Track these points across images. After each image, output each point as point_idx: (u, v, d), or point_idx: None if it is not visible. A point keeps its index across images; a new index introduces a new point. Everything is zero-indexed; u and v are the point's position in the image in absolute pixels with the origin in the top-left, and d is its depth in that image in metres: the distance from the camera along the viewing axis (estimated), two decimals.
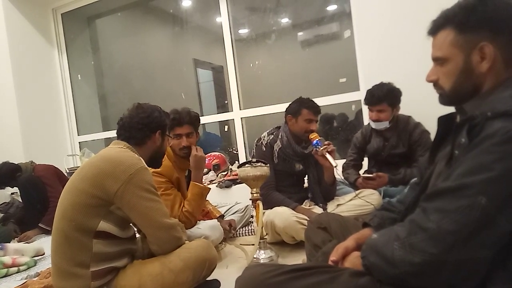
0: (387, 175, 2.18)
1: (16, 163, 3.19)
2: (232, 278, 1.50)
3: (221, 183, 3.29)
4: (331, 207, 2.00)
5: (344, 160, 2.51)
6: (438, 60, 0.90)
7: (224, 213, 2.42)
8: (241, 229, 2.38)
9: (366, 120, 3.03)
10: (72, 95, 4.60)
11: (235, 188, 3.28)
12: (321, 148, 1.89)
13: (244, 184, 3.16)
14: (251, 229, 2.35)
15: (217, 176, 3.52)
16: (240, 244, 2.04)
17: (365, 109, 3.03)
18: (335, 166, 1.89)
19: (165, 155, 1.88)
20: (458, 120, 0.92)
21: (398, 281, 0.79)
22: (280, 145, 2.05)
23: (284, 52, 4.26)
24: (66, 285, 1.24)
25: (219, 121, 4.26)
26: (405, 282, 0.78)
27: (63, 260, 1.25)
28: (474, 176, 0.72)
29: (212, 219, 2.18)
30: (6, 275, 2.09)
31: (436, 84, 0.93)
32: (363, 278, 0.85)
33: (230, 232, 2.18)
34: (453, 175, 0.76)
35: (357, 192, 2.08)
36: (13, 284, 1.89)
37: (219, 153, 3.79)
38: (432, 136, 1.98)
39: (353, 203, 1.99)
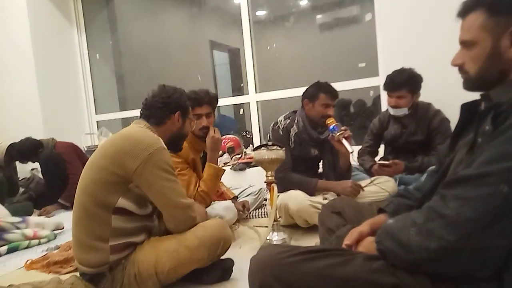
0: (404, 162, 2.16)
1: (38, 139, 3.28)
2: (245, 258, 1.53)
3: (235, 165, 3.32)
4: None
5: (360, 147, 2.49)
6: (465, 44, 0.88)
7: (238, 195, 2.45)
8: (254, 211, 2.41)
9: (384, 106, 2.99)
10: (91, 74, 4.66)
11: (249, 171, 3.30)
12: (338, 134, 1.87)
13: (258, 167, 3.23)
14: (264, 212, 2.37)
15: (231, 158, 3.54)
16: (253, 226, 2.07)
17: (383, 95, 2.99)
18: (351, 152, 1.87)
19: None
20: (482, 108, 0.90)
21: (413, 267, 0.80)
22: (296, 130, 2.03)
23: (302, 35, 4.18)
24: (87, 257, 1.29)
25: (233, 104, 4.26)
26: (420, 268, 0.79)
27: (84, 233, 1.29)
28: (497, 164, 0.71)
29: (226, 200, 2.21)
30: (27, 247, 2.18)
31: (461, 69, 0.90)
32: (377, 262, 0.85)
33: (243, 213, 2.21)
34: (475, 162, 0.75)
35: (372, 178, 2.06)
36: (35, 256, 1.97)
37: (233, 136, 3.81)
38: (453, 124, 1.95)
39: (367, 189, 1.98)
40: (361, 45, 3.57)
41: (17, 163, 3.50)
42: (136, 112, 4.32)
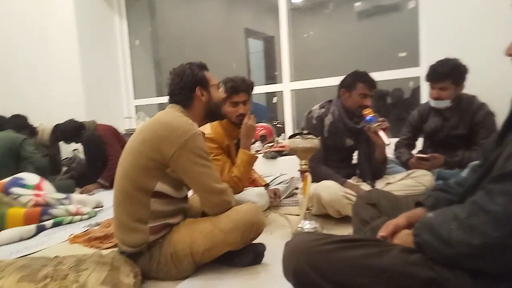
0: (443, 156, 2.08)
1: (80, 121, 3.45)
2: (276, 244, 1.56)
3: (266, 153, 3.33)
4: (380, 185, 1.95)
5: (396, 139, 2.42)
6: None
7: (269, 183, 2.46)
8: (285, 200, 2.42)
9: (424, 98, 2.88)
10: (130, 60, 4.80)
11: (280, 159, 3.31)
12: (375, 125, 1.83)
13: (289, 156, 3.23)
14: (295, 200, 2.38)
15: (263, 146, 3.56)
16: (284, 214, 2.08)
17: (423, 86, 2.88)
18: (388, 144, 1.83)
19: (218, 123, 1.94)
20: None
21: (452, 261, 0.78)
22: (332, 119, 2.00)
23: (340, 23, 4.09)
24: (127, 238, 1.35)
25: (265, 93, 4.25)
26: (460, 263, 0.77)
27: (124, 215, 1.35)
28: None
29: (257, 187, 2.23)
30: (70, 222, 2.31)
31: None
32: (414, 255, 0.84)
33: (274, 200, 2.22)
34: None
35: (408, 172, 2.01)
36: (77, 231, 2.09)
37: (266, 124, 3.82)
38: (498, 118, 1.85)
39: (403, 182, 1.93)
40: (402, 33, 3.45)
41: (61, 143, 3.70)
42: None
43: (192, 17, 4.97)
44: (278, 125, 3.99)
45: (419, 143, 2.43)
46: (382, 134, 1.81)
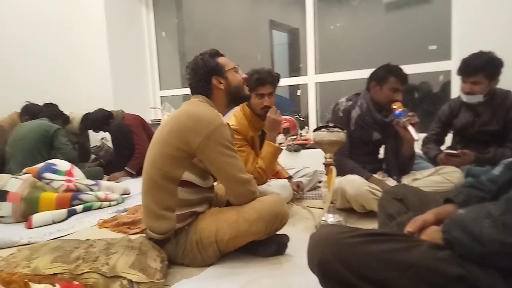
0: (474, 153, 2.02)
1: (109, 110, 3.55)
2: (299, 236, 1.57)
3: (289, 146, 3.33)
4: (406, 181, 1.91)
5: (424, 134, 2.36)
6: None
7: (292, 175, 2.46)
8: (308, 193, 2.42)
9: (454, 92, 2.79)
10: (157, 51, 4.87)
11: (304, 152, 3.30)
12: (404, 119, 1.78)
13: (312, 149, 3.22)
14: (318, 194, 2.37)
15: (286, 139, 3.56)
16: (307, 206, 2.08)
17: (454, 81, 2.79)
18: (417, 140, 1.78)
19: (242, 114, 1.95)
20: None
21: (483, 260, 0.77)
22: (359, 112, 1.97)
23: (368, 14, 3.98)
24: (155, 225, 1.39)
25: (288, 85, 4.22)
26: (492, 261, 0.76)
27: (152, 203, 1.39)
28: None
29: (280, 179, 2.24)
30: (99, 208, 2.40)
31: None
32: (443, 252, 0.83)
33: (297, 193, 2.23)
34: None
35: (437, 168, 1.96)
36: (106, 216, 2.17)
37: (289, 117, 3.81)
38: None
39: (431, 179, 1.88)
40: (433, 26, 3.33)
41: (90, 132, 3.83)
42: None
43: (217, 9, 4.98)
44: (301, 118, 3.96)
45: (448, 138, 2.37)
46: (411, 129, 1.76)
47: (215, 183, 1.60)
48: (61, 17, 4.24)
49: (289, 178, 2.34)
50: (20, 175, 2.36)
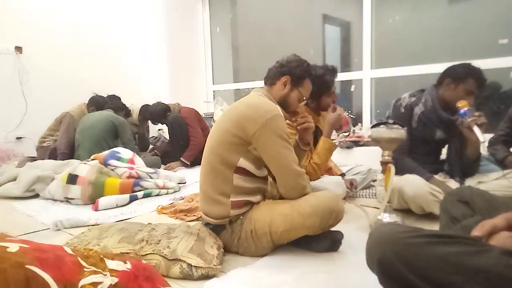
0: None
1: (166, 103, 3.72)
2: (353, 234, 1.56)
3: (341, 143, 3.27)
4: (470, 183, 1.79)
5: (491, 135, 2.20)
6: None
7: (345, 173, 2.42)
8: (361, 191, 2.37)
9: None
10: (211, 46, 5.00)
11: (356, 150, 3.23)
12: (469, 119, 1.67)
13: (365, 147, 3.13)
14: (372, 193, 2.31)
15: (337, 135, 3.50)
16: (361, 205, 2.04)
17: None
18: (483, 142, 1.66)
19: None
20: None
21: None
22: (423, 109, 1.88)
23: (430, 6, 3.77)
24: (211, 209, 1.46)
25: (340, 81, 4.13)
26: None
27: (210, 188, 1.46)
28: None
29: (333, 175, 2.22)
30: (158, 195, 2.54)
31: None
32: None
33: (350, 191, 2.19)
34: None
35: (505, 171, 1.82)
36: (164, 203, 2.29)
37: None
38: None
39: (498, 182, 1.75)
40: (503, 18, 3.08)
41: (150, 123, 4.05)
42: (248, 84, 4.55)
43: (271, 4, 4.99)
44: (351, 115, 3.87)
45: None
46: (476, 129, 1.65)
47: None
48: (123, 14, 4.50)
49: (342, 175, 2.31)
50: (88, 161, 2.57)
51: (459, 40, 3.40)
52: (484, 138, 1.66)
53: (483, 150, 1.85)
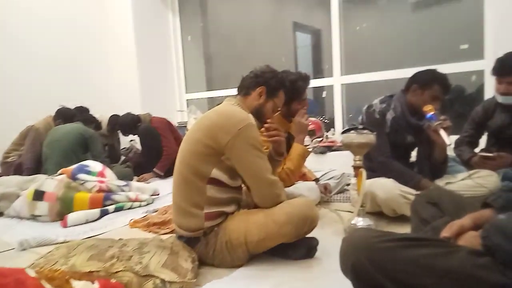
0: (511, 155, 1.94)
1: (137, 114, 3.64)
2: (328, 239, 1.56)
3: (315, 148, 3.31)
4: (439, 184, 1.86)
5: (457, 137, 2.29)
6: None
7: (319, 178, 2.45)
8: (335, 196, 2.39)
9: (488, 92, 2.69)
10: (182, 55, 4.97)
11: (330, 155, 3.28)
12: (435, 123, 1.73)
13: (339, 151, 3.18)
14: (346, 197, 2.34)
15: (311, 141, 3.54)
16: (335, 209, 2.06)
17: (488, 81, 2.69)
18: (449, 145, 1.72)
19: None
20: None
21: None
22: (393, 115, 1.92)
23: (395, 14, 3.91)
24: (184, 222, 1.42)
25: (313, 87, 4.19)
26: None
27: (182, 200, 1.42)
28: None
29: (307, 181, 2.23)
30: (130, 208, 2.47)
31: None
32: (483, 258, 0.81)
33: (325, 195, 2.21)
34: None
35: (470, 172, 1.89)
36: (137, 216, 2.23)
37: (315, 119, 3.78)
38: None
39: (464, 183, 1.82)
40: (464, 24, 3.24)
41: (120, 134, 3.94)
42: (222, 92, 4.54)
43: (241, 12, 5.03)
44: (325, 121, 3.93)
45: (482, 141, 2.28)
46: (442, 133, 1.70)
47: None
48: (89, 23, 4.40)
49: (316, 180, 2.33)
50: (55, 175, 2.47)
51: (424, 46, 3.54)
52: (450, 140, 1.72)
53: (450, 151, 1.92)
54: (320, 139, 3.58)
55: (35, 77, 3.85)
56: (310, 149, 2.37)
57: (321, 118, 3.97)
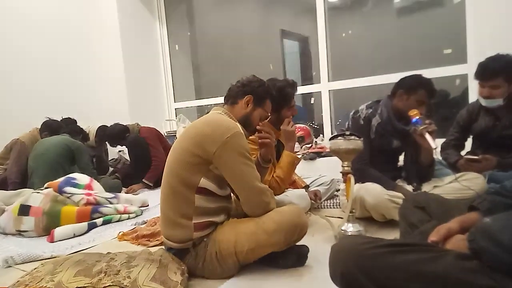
0: (496, 158, 1.97)
1: (125, 124, 3.61)
2: (318, 246, 1.56)
3: (305, 155, 3.32)
4: (426, 188, 1.87)
5: (443, 140, 2.32)
6: None
7: (309, 184, 2.44)
8: (326, 202, 2.39)
9: (472, 96, 2.74)
10: (170, 64, 4.96)
11: (319, 161, 3.28)
12: (421, 127, 1.75)
13: (328, 157, 3.19)
14: (336, 202, 2.34)
15: (301, 148, 3.55)
16: (326, 216, 2.06)
17: (471, 84, 2.74)
18: (435, 148, 1.74)
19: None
20: None
21: None
22: (380, 120, 1.94)
23: (380, 20, 3.97)
24: (173, 233, 1.40)
25: (301, 94, 4.23)
26: None
27: (171, 210, 1.41)
28: None
29: (297, 188, 2.23)
30: (119, 220, 2.43)
31: None
32: (470, 262, 0.81)
33: (315, 202, 2.21)
34: None
35: (457, 174, 1.91)
36: (125, 229, 2.19)
37: (304, 125, 3.80)
38: None
39: (451, 186, 1.84)
40: (447, 29, 3.31)
41: (108, 145, 3.89)
42: (211, 101, 4.54)
43: (229, 21, 5.05)
44: (314, 126, 3.96)
45: (468, 144, 2.32)
46: (428, 137, 1.72)
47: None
48: (76, 33, 4.35)
49: (306, 187, 2.32)
50: (41, 189, 2.42)
51: (408, 51, 3.60)
52: (435, 144, 1.74)
53: (436, 155, 1.94)
54: (310, 145, 3.59)
55: (22, 88, 3.78)
56: (299, 156, 2.38)
57: (311, 124, 3.99)
